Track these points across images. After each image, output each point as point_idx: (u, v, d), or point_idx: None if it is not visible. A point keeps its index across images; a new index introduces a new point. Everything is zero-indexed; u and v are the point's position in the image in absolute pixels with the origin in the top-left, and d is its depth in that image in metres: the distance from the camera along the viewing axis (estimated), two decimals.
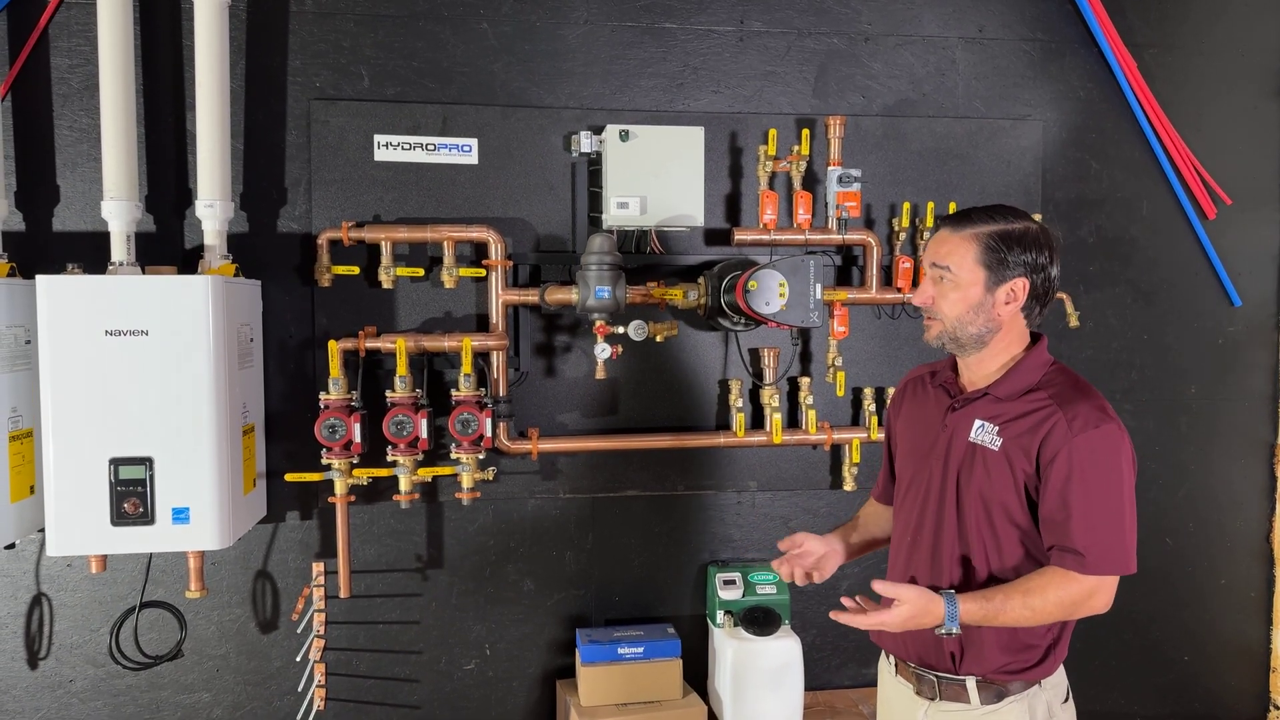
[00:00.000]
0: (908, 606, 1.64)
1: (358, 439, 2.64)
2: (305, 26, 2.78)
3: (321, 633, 2.78)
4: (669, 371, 3.01)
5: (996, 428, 1.73)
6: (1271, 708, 3.41)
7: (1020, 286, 1.72)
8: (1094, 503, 1.67)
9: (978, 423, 1.75)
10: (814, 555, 1.92)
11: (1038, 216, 3.07)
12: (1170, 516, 3.30)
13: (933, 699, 1.80)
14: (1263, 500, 3.36)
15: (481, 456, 2.76)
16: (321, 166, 2.80)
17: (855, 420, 3.10)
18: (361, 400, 2.71)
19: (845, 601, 1.69)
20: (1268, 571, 3.38)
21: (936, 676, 1.79)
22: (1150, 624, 3.31)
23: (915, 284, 3.00)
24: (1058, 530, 1.68)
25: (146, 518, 2.35)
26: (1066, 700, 1.85)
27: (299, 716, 2.82)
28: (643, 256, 2.90)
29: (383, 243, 2.74)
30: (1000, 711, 1.75)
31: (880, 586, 1.66)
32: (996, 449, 1.72)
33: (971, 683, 1.76)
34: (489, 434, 2.72)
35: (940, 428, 1.81)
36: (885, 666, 1.95)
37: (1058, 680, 1.83)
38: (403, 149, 2.82)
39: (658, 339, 2.82)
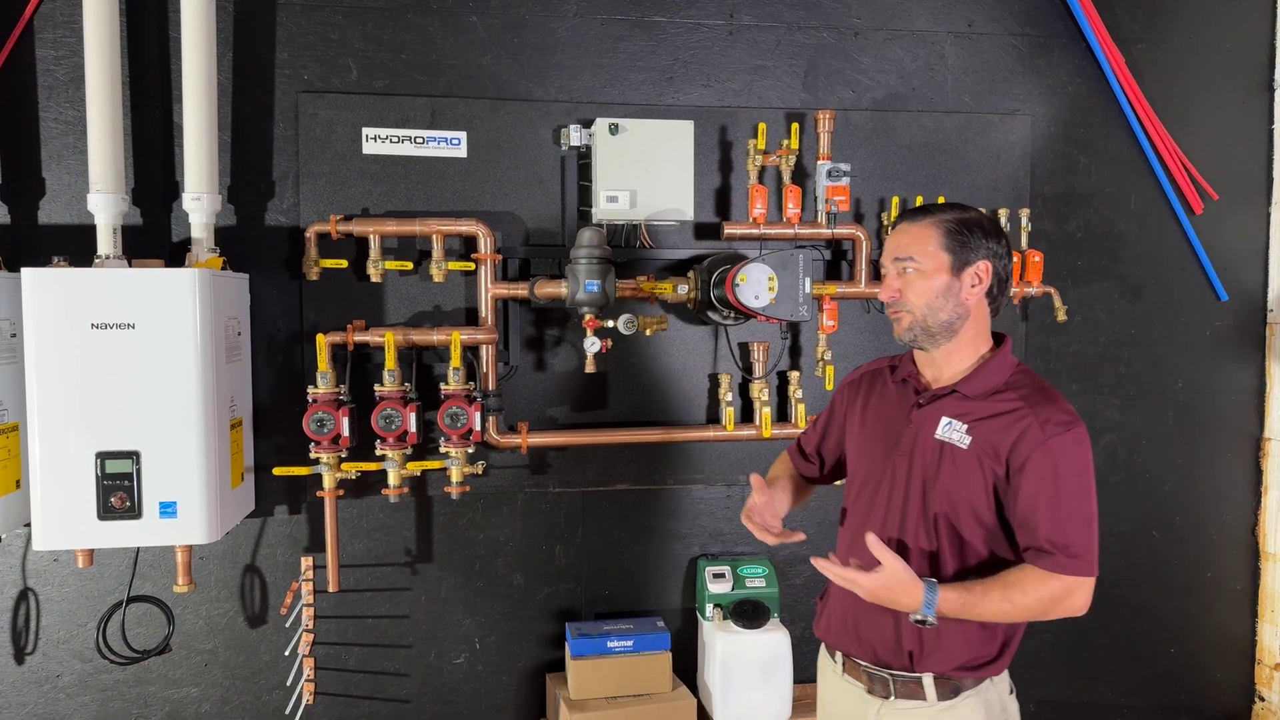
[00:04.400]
0: (887, 576, 1.62)
1: (346, 433, 2.63)
2: (293, 19, 2.77)
3: (310, 627, 2.77)
4: (659, 365, 3.01)
5: (965, 426, 1.72)
6: (1256, 699, 3.44)
7: (985, 269, 1.75)
8: (1069, 505, 1.66)
9: (945, 420, 1.75)
10: (768, 509, 1.87)
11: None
12: (1157, 510, 3.32)
13: (886, 697, 1.79)
14: (1249, 494, 3.38)
15: (471, 450, 2.76)
16: (309, 159, 2.78)
17: None
18: (350, 394, 2.70)
19: (831, 556, 1.68)
20: (1253, 564, 3.41)
21: (891, 675, 1.78)
22: (1137, 617, 3.33)
23: None
24: (1034, 531, 1.67)
25: (134, 512, 2.34)
26: (1012, 692, 1.86)
27: (288, 711, 2.82)
28: (632, 250, 2.90)
29: (371, 236, 2.73)
30: (956, 707, 1.75)
31: (873, 542, 1.64)
32: (965, 447, 1.71)
33: (928, 679, 1.75)
34: (478, 428, 2.71)
35: (904, 424, 1.80)
36: (829, 665, 1.93)
37: (1005, 673, 1.84)
38: (391, 142, 2.81)
39: (647, 333, 2.82)
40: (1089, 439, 1.71)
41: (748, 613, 2.85)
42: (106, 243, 2.51)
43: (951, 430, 1.73)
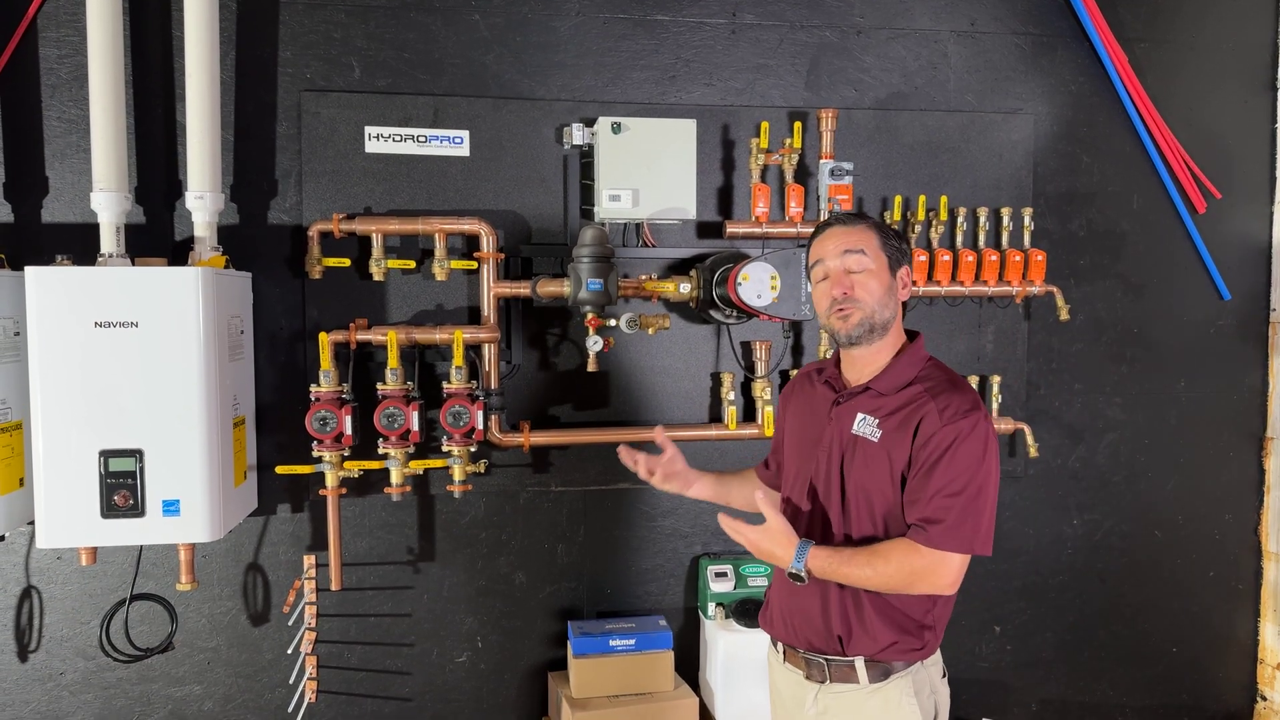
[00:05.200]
0: (769, 530, 1.75)
1: (349, 431, 2.64)
2: (296, 17, 2.77)
3: (313, 625, 2.78)
4: (661, 364, 3.01)
5: (877, 420, 1.81)
6: (1258, 698, 3.44)
7: (908, 273, 1.87)
8: (949, 484, 1.72)
9: (860, 416, 1.83)
10: (677, 469, 2.08)
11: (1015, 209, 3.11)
12: (1160, 509, 3.32)
13: (823, 682, 1.88)
14: (1251, 493, 3.38)
15: (473, 449, 2.76)
16: (312, 158, 2.79)
17: None
18: (352, 392, 2.70)
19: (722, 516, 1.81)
20: (1256, 564, 3.40)
21: (826, 660, 1.87)
22: (1139, 615, 3.34)
23: None
24: (912, 507, 1.75)
25: (137, 510, 2.34)
26: (944, 676, 1.93)
27: (290, 709, 2.82)
28: (635, 249, 2.90)
29: (374, 235, 2.73)
30: (886, 688, 1.84)
31: (759, 499, 1.77)
32: (876, 441, 1.80)
33: (860, 662, 1.84)
34: (481, 426, 2.71)
35: (827, 421, 1.89)
36: (774, 656, 2.03)
37: (937, 658, 1.92)
38: (394, 141, 2.81)
39: (650, 332, 2.82)
40: (990, 426, 1.77)
41: (750, 612, 2.85)
42: (110, 241, 2.52)
43: (865, 425, 1.82)
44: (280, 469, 2.71)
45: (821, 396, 1.94)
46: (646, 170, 2.74)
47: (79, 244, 2.61)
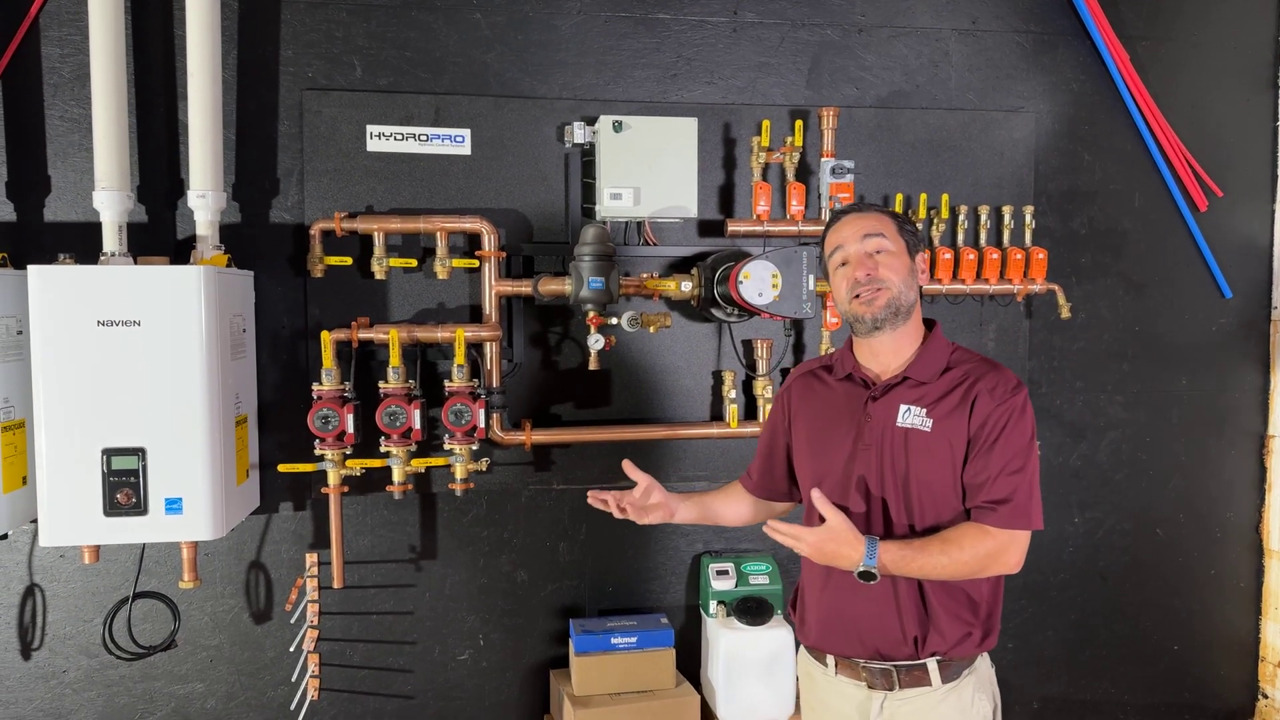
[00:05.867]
0: (832, 530, 1.68)
1: (351, 430, 2.64)
2: (297, 16, 2.77)
3: (315, 623, 2.78)
4: (662, 363, 3.01)
5: (924, 410, 1.77)
6: (1260, 696, 3.44)
7: (924, 259, 1.86)
8: (1010, 463, 1.73)
9: (903, 407, 1.79)
10: (654, 501, 2.00)
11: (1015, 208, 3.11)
12: (1161, 507, 3.32)
13: (890, 689, 1.80)
14: (1253, 491, 3.38)
15: (475, 447, 2.76)
16: (314, 157, 2.79)
17: None
18: (354, 391, 2.70)
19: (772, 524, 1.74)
20: (1257, 562, 3.40)
21: (895, 666, 1.80)
22: (1140, 614, 3.34)
23: None
24: (978, 490, 1.74)
25: (139, 508, 2.34)
26: (991, 666, 1.92)
27: (292, 707, 2.83)
28: (636, 248, 2.90)
29: (375, 233, 2.73)
30: (959, 686, 1.80)
31: (817, 497, 1.70)
32: (929, 430, 1.76)
33: (933, 664, 1.79)
34: (482, 425, 2.72)
35: (862, 418, 1.83)
36: (818, 671, 1.93)
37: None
38: (395, 139, 2.81)
39: (651, 330, 2.82)
40: (1031, 402, 1.79)
41: (751, 609, 2.86)
42: (112, 240, 2.52)
43: (912, 416, 1.78)
44: (282, 467, 2.72)
45: (845, 393, 1.88)
46: (648, 169, 2.74)
47: (81, 243, 2.61)
